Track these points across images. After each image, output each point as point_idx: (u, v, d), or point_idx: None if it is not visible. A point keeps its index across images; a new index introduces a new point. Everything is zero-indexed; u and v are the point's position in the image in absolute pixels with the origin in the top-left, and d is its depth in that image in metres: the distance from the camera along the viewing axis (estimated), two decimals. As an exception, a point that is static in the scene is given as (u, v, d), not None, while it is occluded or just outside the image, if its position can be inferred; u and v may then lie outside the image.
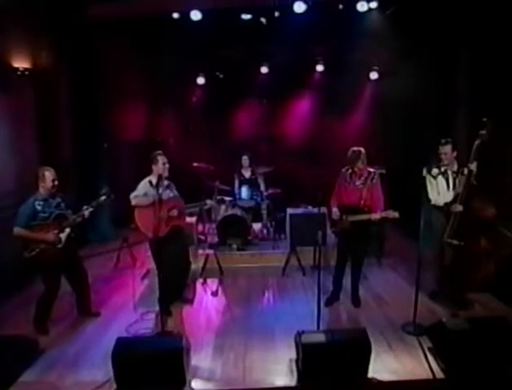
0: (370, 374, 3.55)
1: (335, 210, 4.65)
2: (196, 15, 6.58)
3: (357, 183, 4.52)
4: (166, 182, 4.62)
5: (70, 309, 4.71)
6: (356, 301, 4.81)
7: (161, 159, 4.52)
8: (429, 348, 3.92)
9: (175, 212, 4.48)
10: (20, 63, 5.71)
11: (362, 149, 4.48)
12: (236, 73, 8.00)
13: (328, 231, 5.70)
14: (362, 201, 4.46)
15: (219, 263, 5.70)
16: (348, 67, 7.52)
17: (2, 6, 5.25)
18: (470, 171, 4.13)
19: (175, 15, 6.68)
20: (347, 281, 4.90)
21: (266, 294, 5.25)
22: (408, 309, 4.32)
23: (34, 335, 4.14)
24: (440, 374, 3.59)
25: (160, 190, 4.31)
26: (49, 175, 4.19)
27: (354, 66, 7.53)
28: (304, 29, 6.64)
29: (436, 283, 4.81)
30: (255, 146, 7.64)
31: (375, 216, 4.38)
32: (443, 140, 4.46)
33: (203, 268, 5.69)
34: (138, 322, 4.50)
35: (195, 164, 6.47)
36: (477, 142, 4.10)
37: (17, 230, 4.02)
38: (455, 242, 4.25)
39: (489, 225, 4.21)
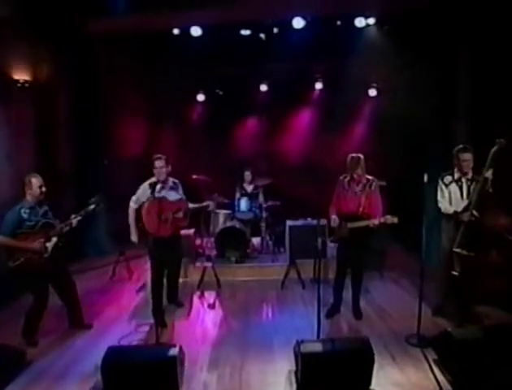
0: (374, 386, 3.39)
1: (334, 217, 4.55)
2: (196, 31, 6.66)
3: (356, 190, 4.43)
4: (171, 183, 4.69)
5: (60, 321, 4.53)
6: (357, 313, 4.65)
7: (157, 163, 4.53)
8: (434, 361, 3.75)
9: (180, 214, 4.54)
10: (21, 75, 5.75)
11: (361, 156, 4.42)
12: (236, 90, 8.04)
13: (329, 244, 5.62)
14: (361, 209, 4.36)
15: (216, 276, 5.55)
16: (347, 84, 7.52)
17: (4, 20, 5.33)
18: (485, 179, 3.94)
19: (176, 31, 6.77)
20: (348, 294, 4.76)
21: (265, 307, 5.07)
22: (411, 321, 4.18)
23: (21, 346, 3.97)
24: (447, 387, 3.41)
25: (162, 192, 4.48)
26: (36, 181, 4.07)
27: (353, 83, 7.54)
28: (303, 46, 6.71)
29: (440, 297, 4.62)
30: (255, 163, 7.58)
31: (374, 222, 4.27)
32: (461, 147, 4.24)
33: (201, 281, 5.54)
34: (132, 334, 4.33)
35: (194, 176, 6.41)
36: (494, 149, 3.91)
37: (1, 238, 3.88)
38: (464, 252, 4.08)
39: (501, 237, 4.04)
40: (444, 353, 3.66)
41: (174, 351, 3.31)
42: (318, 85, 8.20)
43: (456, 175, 4.33)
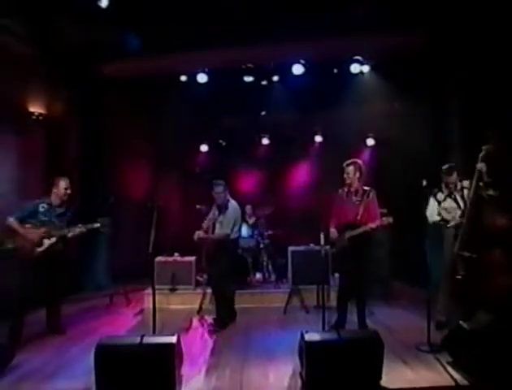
0: (386, 384, 3.17)
1: (332, 230, 4.58)
2: (202, 78, 7.16)
3: (354, 200, 4.49)
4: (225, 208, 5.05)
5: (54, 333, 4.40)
6: (363, 327, 4.43)
7: (214, 188, 4.99)
8: (448, 362, 3.53)
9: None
10: (36, 108, 6.11)
11: (359, 161, 4.56)
12: (239, 142, 8.38)
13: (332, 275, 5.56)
14: (359, 217, 4.38)
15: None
16: (345, 135, 7.80)
17: (24, 59, 5.82)
18: (479, 172, 3.92)
19: (183, 78, 7.27)
20: (351, 316, 4.57)
21: (267, 327, 4.82)
22: (419, 334, 4.03)
23: (11, 346, 3.78)
24: (463, 382, 3.19)
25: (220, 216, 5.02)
26: (63, 182, 4.38)
27: (351, 133, 7.84)
28: (302, 95, 7.18)
29: (443, 312, 4.43)
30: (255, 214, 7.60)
31: (371, 225, 4.29)
32: (447, 168, 4.38)
33: (200, 306, 5.37)
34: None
35: (198, 206, 6.44)
36: (482, 154, 3.97)
37: (10, 221, 4.09)
38: (466, 254, 4.02)
39: (504, 236, 3.98)
40: (457, 351, 3.46)
41: (171, 339, 3.15)
42: (318, 138, 8.53)
43: (445, 191, 4.44)
